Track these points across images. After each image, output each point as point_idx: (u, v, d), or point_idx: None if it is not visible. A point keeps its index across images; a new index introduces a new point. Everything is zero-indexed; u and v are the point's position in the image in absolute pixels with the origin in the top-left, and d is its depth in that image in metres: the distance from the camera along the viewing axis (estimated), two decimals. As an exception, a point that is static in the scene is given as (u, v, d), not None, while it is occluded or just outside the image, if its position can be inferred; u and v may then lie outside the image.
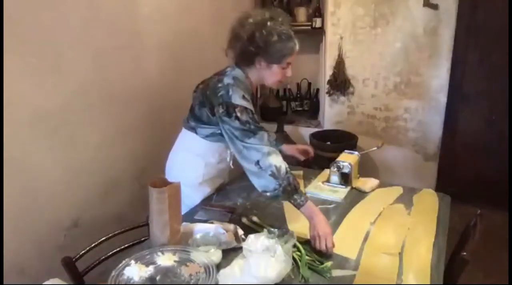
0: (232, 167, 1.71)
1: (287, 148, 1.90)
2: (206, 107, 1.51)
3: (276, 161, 1.35)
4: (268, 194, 1.36)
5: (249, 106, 1.41)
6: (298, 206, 1.36)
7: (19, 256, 1.62)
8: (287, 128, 3.38)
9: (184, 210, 1.56)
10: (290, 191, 1.34)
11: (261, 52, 1.42)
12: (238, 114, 1.38)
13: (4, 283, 1.50)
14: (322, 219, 1.33)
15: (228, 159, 1.68)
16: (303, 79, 3.52)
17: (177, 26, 2.37)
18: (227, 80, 1.44)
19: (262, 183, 1.36)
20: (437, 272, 1.18)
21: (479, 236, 1.35)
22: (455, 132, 2.98)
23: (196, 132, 1.59)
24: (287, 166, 1.36)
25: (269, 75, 1.49)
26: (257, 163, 1.35)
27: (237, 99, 1.40)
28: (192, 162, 1.64)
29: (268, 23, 1.39)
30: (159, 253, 1.13)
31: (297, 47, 1.45)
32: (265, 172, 1.33)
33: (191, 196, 1.65)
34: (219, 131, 1.50)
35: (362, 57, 3.05)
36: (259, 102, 1.65)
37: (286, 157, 1.51)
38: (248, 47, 1.42)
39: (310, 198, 1.58)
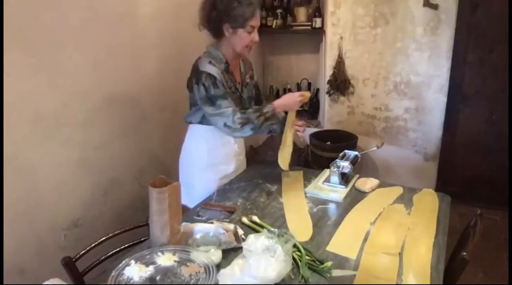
0: (237, 150, 1.80)
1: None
2: (189, 87, 1.66)
3: (241, 116, 1.55)
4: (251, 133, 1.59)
5: (213, 70, 1.57)
6: (274, 115, 1.61)
7: (19, 256, 1.62)
8: (287, 128, 3.38)
9: (192, 198, 1.67)
10: (265, 120, 1.58)
11: (225, 18, 1.55)
12: (203, 80, 1.56)
13: (4, 283, 1.50)
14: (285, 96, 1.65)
15: (232, 142, 1.76)
16: (303, 79, 3.51)
17: (177, 26, 2.37)
18: (201, 55, 1.64)
19: (239, 134, 1.61)
20: (437, 272, 1.17)
21: (479, 236, 1.34)
22: (455, 132, 2.98)
23: (192, 120, 1.74)
24: (252, 110, 1.59)
25: (237, 40, 1.60)
26: (225, 125, 1.56)
27: (205, 65, 1.57)
28: (196, 147, 1.75)
29: None
30: (159, 253, 1.13)
31: (257, 12, 1.59)
32: (236, 128, 1.55)
33: (197, 182, 1.75)
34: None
35: (362, 57, 3.05)
36: (246, 79, 1.73)
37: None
38: (211, 14, 1.56)
39: (310, 198, 1.64)
